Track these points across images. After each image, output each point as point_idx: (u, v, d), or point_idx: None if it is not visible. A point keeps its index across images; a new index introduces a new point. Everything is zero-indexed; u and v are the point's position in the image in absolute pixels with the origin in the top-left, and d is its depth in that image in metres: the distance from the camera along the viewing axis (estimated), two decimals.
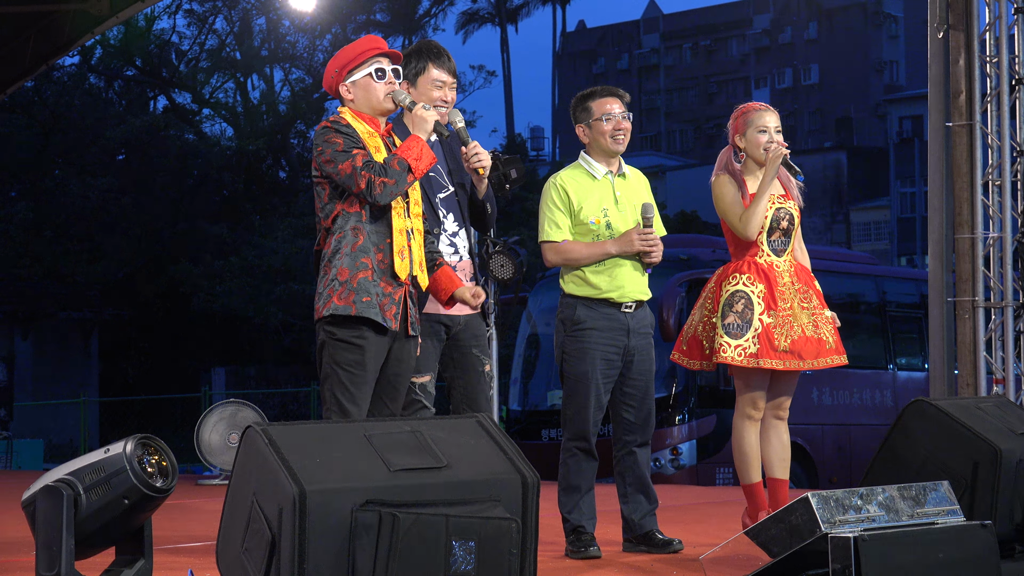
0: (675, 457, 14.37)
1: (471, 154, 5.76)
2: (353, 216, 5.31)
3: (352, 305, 5.25)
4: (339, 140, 5.29)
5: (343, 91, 5.47)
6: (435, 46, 5.98)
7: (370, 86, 5.45)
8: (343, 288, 5.26)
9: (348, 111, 5.45)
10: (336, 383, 5.28)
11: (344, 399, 5.27)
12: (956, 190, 9.79)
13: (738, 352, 6.27)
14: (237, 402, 13.68)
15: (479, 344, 5.93)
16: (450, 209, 5.90)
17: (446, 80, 5.89)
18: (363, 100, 5.45)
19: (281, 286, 30.87)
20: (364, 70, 5.44)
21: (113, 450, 4.44)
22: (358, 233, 5.30)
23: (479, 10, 55.34)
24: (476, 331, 5.92)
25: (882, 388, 16.42)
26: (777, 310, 6.31)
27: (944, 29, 9.84)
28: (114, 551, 4.68)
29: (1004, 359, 9.73)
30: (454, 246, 5.89)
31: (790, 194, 6.51)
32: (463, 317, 5.87)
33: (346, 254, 5.28)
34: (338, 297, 5.26)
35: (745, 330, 6.28)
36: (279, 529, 3.80)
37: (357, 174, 5.23)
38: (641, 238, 6.24)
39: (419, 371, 5.73)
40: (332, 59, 5.54)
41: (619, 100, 6.36)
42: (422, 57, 5.91)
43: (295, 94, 39.88)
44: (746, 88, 67.46)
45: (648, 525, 6.29)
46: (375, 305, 5.26)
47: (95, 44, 37.16)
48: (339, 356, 5.28)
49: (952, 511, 4.86)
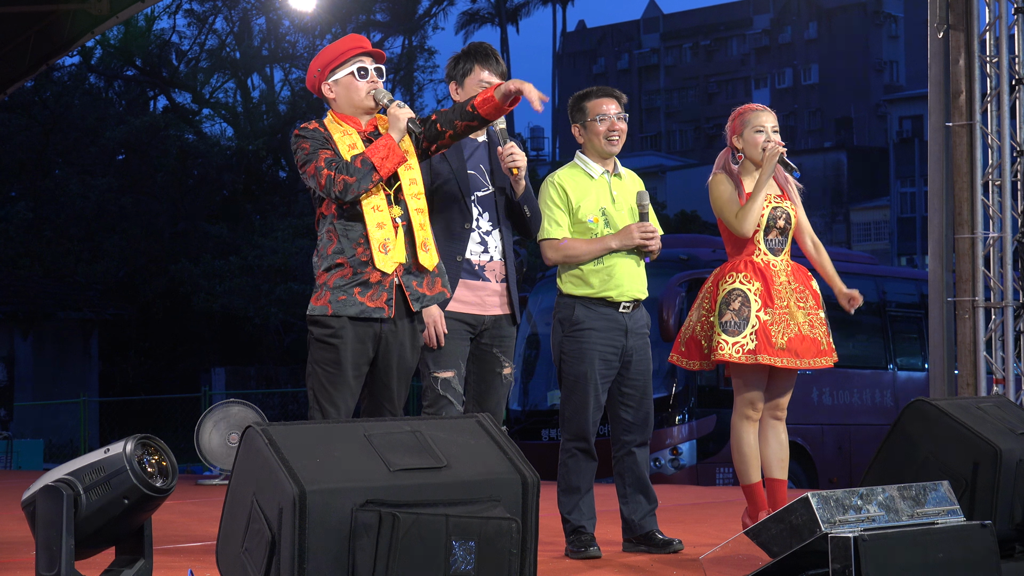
0: (675, 457, 14.36)
1: (506, 154, 5.80)
2: (328, 218, 5.38)
3: (328, 305, 5.31)
4: (306, 144, 5.36)
5: (325, 90, 5.49)
6: (484, 47, 6.02)
7: (352, 85, 5.46)
8: (320, 290, 5.34)
9: (330, 112, 5.50)
10: (315, 382, 5.35)
11: (323, 398, 5.33)
12: (956, 190, 9.80)
13: (736, 349, 6.28)
14: (237, 402, 13.67)
15: (501, 345, 5.94)
16: (486, 208, 5.93)
17: (493, 82, 5.90)
18: (344, 99, 5.46)
19: (281, 286, 30.85)
20: (346, 69, 5.46)
21: (113, 450, 4.45)
22: (332, 235, 5.36)
23: (479, 10, 55.35)
24: (501, 332, 5.94)
25: (882, 388, 16.42)
26: (774, 308, 6.32)
27: (944, 29, 9.84)
28: (114, 551, 4.68)
29: (1004, 359, 9.73)
30: (484, 244, 5.91)
31: (787, 194, 6.52)
32: (489, 317, 5.90)
33: (323, 257, 5.36)
34: (315, 298, 5.35)
35: (743, 327, 6.29)
36: (279, 529, 3.81)
37: (319, 173, 5.29)
38: (640, 230, 6.25)
39: (440, 365, 5.76)
40: (315, 58, 5.56)
41: (615, 101, 6.37)
42: (469, 58, 5.98)
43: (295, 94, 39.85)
44: (746, 88, 67.46)
45: (648, 525, 6.29)
46: (353, 302, 5.29)
47: (95, 44, 37.18)
48: (317, 355, 5.34)
49: (952, 511, 4.86)
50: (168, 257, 33.60)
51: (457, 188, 5.85)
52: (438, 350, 5.78)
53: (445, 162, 5.88)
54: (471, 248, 5.87)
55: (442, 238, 5.80)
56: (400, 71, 42.31)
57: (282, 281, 30.97)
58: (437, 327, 5.74)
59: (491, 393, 5.95)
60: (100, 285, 32.84)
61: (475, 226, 5.89)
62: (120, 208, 33.80)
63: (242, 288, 31.51)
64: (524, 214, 6.01)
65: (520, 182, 5.88)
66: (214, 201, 36.88)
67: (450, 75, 6.03)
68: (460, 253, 5.85)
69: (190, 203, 35.86)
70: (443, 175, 5.87)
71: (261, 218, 35.98)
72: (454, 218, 5.86)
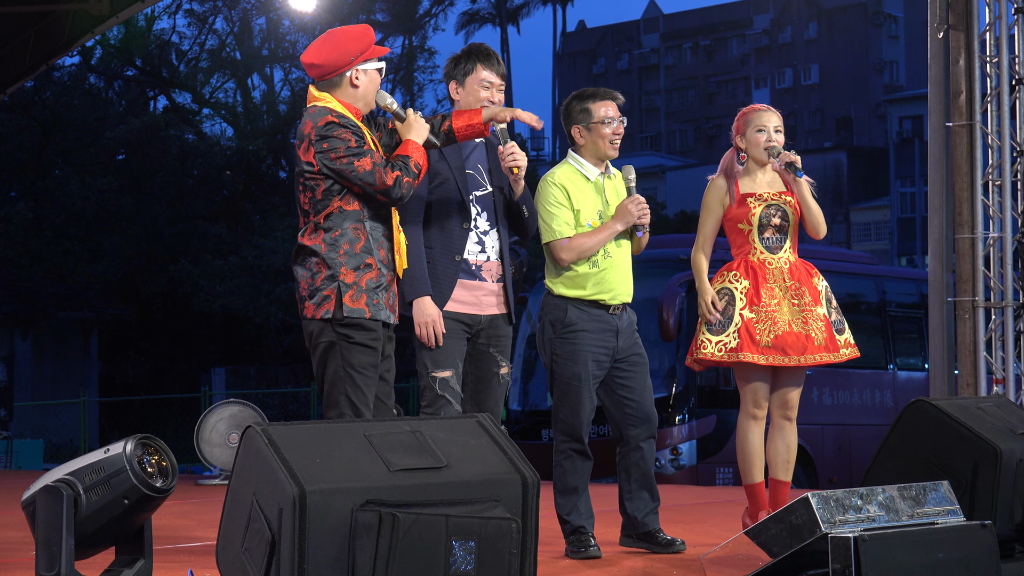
0: (675, 457, 14.35)
1: (507, 154, 5.79)
2: (351, 214, 5.23)
3: (366, 308, 5.19)
4: (349, 136, 5.19)
5: (353, 76, 5.31)
6: (485, 48, 6.02)
7: (375, 80, 5.37)
8: (353, 290, 5.20)
9: (334, 100, 5.30)
10: (351, 386, 5.23)
11: (359, 403, 5.23)
12: (956, 190, 9.80)
13: (717, 348, 6.32)
14: (237, 402, 13.66)
15: (498, 345, 5.95)
16: (484, 208, 5.93)
17: (494, 81, 5.94)
18: (365, 91, 5.34)
19: (281, 286, 30.84)
20: (375, 63, 5.35)
21: (113, 450, 4.44)
22: (359, 232, 5.23)
23: (479, 10, 55.33)
24: (498, 331, 5.95)
25: (882, 388, 16.42)
26: (760, 305, 6.33)
27: (944, 29, 9.84)
28: (114, 551, 4.68)
29: (1004, 359, 9.73)
30: (482, 244, 5.90)
31: (790, 189, 6.50)
32: (486, 316, 5.90)
33: (348, 254, 5.21)
34: (350, 299, 5.19)
35: (726, 326, 6.34)
36: (279, 529, 3.80)
37: (381, 171, 5.15)
38: (634, 204, 6.23)
39: (438, 365, 5.75)
40: (345, 37, 5.34)
41: (616, 104, 6.35)
42: (471, 58, 5.96)
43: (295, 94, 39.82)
44: (746, 88, 67.47)
45: (651, 524, 6.27)
46: (383, 307, 5.24)
47: (95, 44, 37.14)
48: (355, 359, 5.22)
49: (952, 511, 4.86)
50: (168, 257, 33.59)
51: (456, 187, 5.84)
52: (436, 350, 5.77)
53: (444, 161, 5.87)
54: (469, 248, 5.87)
55: (440, 238, 5.79)
56: (400, 71, 42.31)
57: (282, 281, 30.95)
58: (436, 327, 5.73)
59: (489, 393, 5.94)
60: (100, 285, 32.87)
61: (473, 226, 5.89)
62: (120, 208, 33.81)
63: (242, 288, 31.51)
64: (522, 214, 6.01)
65: (519, 182, 5.88)
66: (214, 201, 36.89)
67: (450, 75, 6.01)
68: (459, 253, 5.84)
69: (190, 203, 35.86)
70: (442, 174, 5.86)
71: (261, 218, 35.97)
72: (452, 218, 5.85)
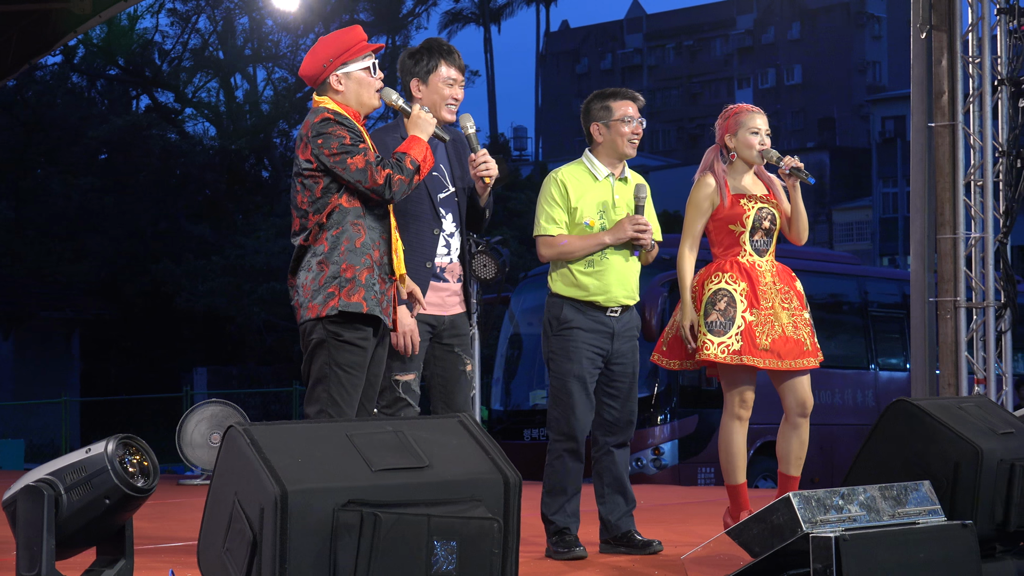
0: (657, 457, 14.37)
1: (479, 162, 5.73)
2: (352, 211, 5.18)
3: (363, 303, 5.13)
4: (344, 134, 5.15)
5: (334, 81, 5.29)
6: (445, 44, 5.91)
7: (364, 81, 5.31)
8: (351, 284, 5.13)
9: (332, 102, 5.29)
10: (335, 384, 5.17)
11: (343, 402, 5.17)
12: (938, 190, 9.82)
13: (721, 349, 6.28)
14: (219, 402, 13.65)
15: (461, 343, 5.91)
16: (449, 210, 5.85)
17: (456, 78, 5.84)
18: (353, 94, 5.31)
19: (264, 286, 30.81)
20: (360, 63, 5.32)
21: (94, 450, 4.43)
22: (359, 228, 5.18)
23: (462, 10, 55.32)
24: (459, 330, 5.90)
25: (864, 388, 16.44)
26: (759, 308, 6.32)
27: (927, 29, 9.86)
28: (95, 551, 4.66)
29: (985, 359, 9.76)
30: (448, 247, 5.84)
31: (773, 193, 6.51)
32: (448, 317, 5.85)
33: (348, 250, 5.15)
34: (346, 294, 5.12)
35: (728, 327, 6.30)
36: (260, 529, 3.80)
37: (373, 169, 5.11)
38: (632, 223, 6.21)
39: (404, 369, 5.71)
40: (322, 45, 5.33)
41: (636, 104, 6.33)
42: (433, 55, 5.84)
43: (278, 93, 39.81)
44: (729, 88, 67.52)
45: (625, 526, 6.28)
46: (379, 304, 5.21)
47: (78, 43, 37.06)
48: (341, 358, 5.16)
49: (933, 511, 4.88)
50: (150, 257, 33.55)
51: (426, 192, 5.75)
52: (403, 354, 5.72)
53: None
54: (438, 251, 5.82)
55: (412, 243, 5.71)
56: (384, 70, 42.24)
57: (264, 281, 30.92)
58: (414, 337, 5.67)
59: (458, 391, 5.90)
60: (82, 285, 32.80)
61: (442, 228, 5.85)
62: (102, 208, 33.76)
63: (224, 288, 31.48)
64: (485, 217, 5.96)
65: (488, 189, 5.83)
66: (196, 201, 36.85)
67: (411, 72, 5.85)
68: (430, 259, 5.77)
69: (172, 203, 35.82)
70: None
71: (243, 218, 35.95)
72: (424, 223, 5.76)
